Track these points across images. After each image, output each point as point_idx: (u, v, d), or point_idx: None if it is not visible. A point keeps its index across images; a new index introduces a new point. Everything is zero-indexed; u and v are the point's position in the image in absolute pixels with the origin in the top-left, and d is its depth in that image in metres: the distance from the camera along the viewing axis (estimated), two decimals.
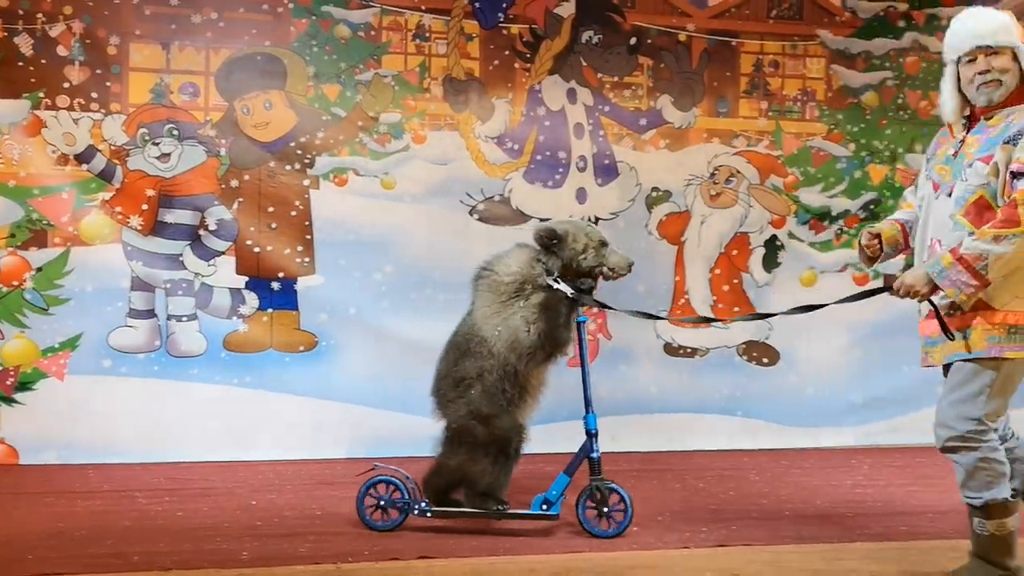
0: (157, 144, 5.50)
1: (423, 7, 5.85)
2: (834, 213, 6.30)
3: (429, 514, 3.87)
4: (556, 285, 3.83)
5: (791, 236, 6.24)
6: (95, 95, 5.44)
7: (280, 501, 4.47)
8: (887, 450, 5.96)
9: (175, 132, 5.52)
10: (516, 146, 5.95)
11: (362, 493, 3.93)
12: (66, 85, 5.40)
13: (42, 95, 5.36)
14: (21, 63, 5.35)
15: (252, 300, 5.60)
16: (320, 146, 5.71)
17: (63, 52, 5.40)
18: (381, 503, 3.90)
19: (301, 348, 5.65)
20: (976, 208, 3.06)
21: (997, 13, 3.18)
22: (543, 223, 4.10)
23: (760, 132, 6.23)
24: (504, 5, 5.93)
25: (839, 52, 6.28)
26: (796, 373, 6.19)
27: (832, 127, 6.30)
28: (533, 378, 3.93)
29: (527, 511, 3.86)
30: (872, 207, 6.32)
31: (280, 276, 5.63)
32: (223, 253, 5.56)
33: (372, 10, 5.79)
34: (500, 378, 3.83)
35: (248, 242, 5.59)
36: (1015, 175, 2.98)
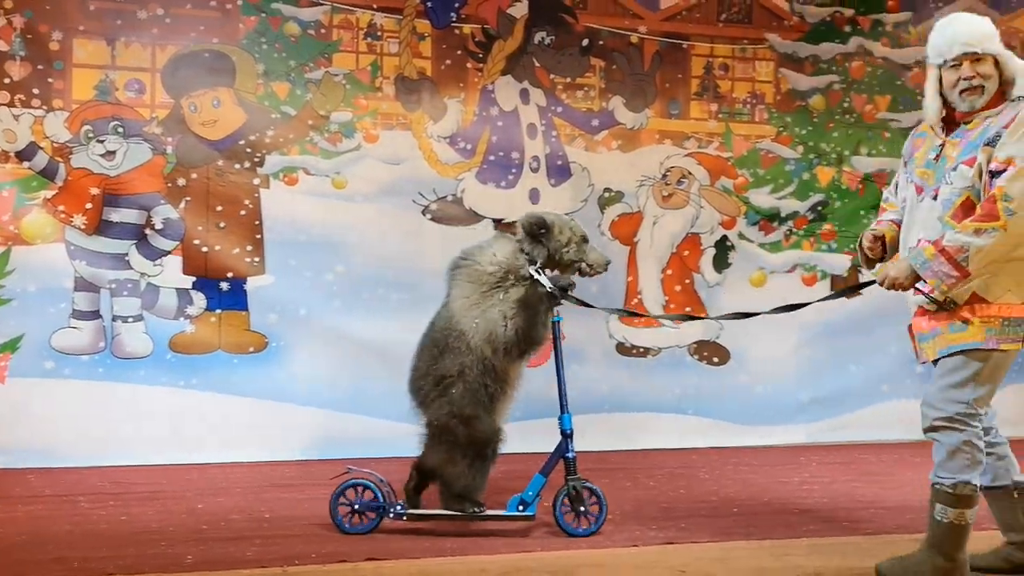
0: (102, 141, 5.39)
1: (375, 5, 5.81)
2: (783, 214, 6.39)
3: (405, 517, 3.84)
4: (538, 276, 3.82)
5: (741, 237, 6.32)
6: (36, 91, 5.32)
7: (228, 504, 4.41)
8: (834, 447, 6.06)
9: (120, 129, 5.42)
10: (469, 146, 5.94)
11: (335, 497, 3.86)
12: (6, 81, 5.27)
13: None
14: None
15: (200, 300, 5.51)
16: (270, 145, 5.64)
17: (3, 47, 5.27)
18: (356, 507, 3.85)
19: (251, 349, 5.58)
20: (963, 210, 3.14)
21: (981, 19, 3.24)
22: (532, 211, 4.07)
23: (711, 134, 6.30)
24: (456, 5, 5.92)
25: (787, 56, 6.37)
26: (746, 372, 6.26)
27: (781, 130, 6.39)
28: (511, 372, 3.91)
29: (504, 512, 3.84)
30: (820, 208, 6.42)
31: (229, 276, 5.56)
32: (170, 253, 5.47)
33: (323, 8, 5.74)
34: (481, 374, 3.80)
35: (196, 241, 5.51)
36: (993, 173, 3.08)
